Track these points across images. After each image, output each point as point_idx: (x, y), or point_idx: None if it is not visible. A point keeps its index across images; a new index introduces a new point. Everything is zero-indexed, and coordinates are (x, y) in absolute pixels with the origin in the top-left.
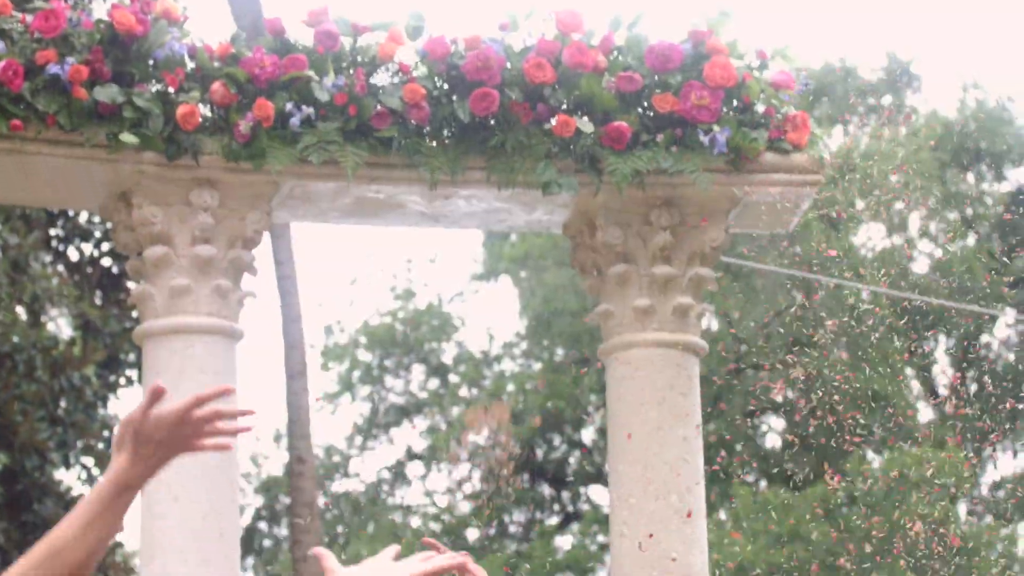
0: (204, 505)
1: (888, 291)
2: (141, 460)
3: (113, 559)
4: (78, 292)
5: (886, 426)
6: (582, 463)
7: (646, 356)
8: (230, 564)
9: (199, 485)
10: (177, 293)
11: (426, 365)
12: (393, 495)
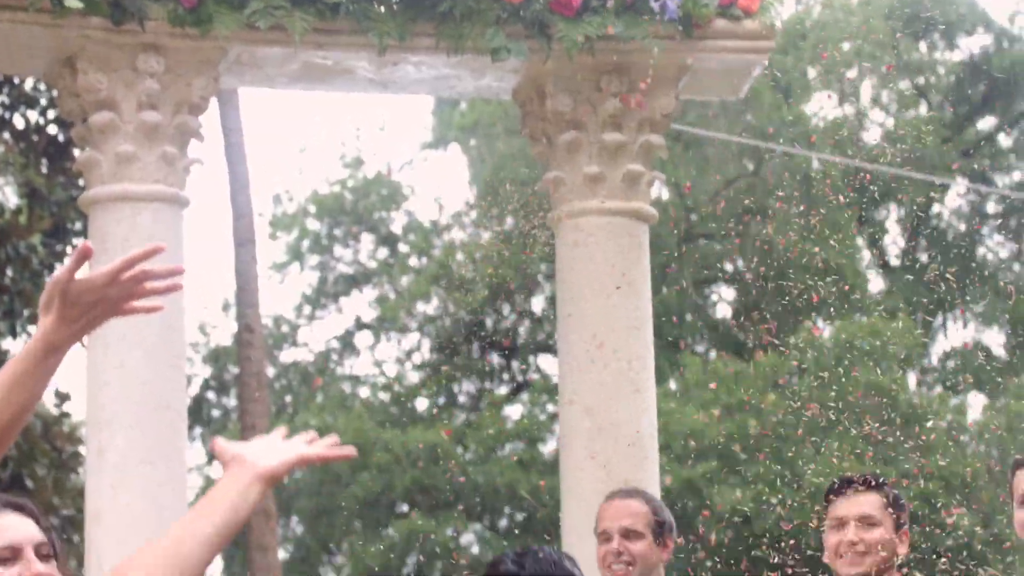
0: (150, 374)
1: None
2: (68, 322)
3: (60, 429)
4: (24, 160)
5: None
6: (532, 332)
7: (596, 224)
8: (177, 433)
9: (144, 354)
10: (123, 160)
11: (375, 234)
12: (342, 365)
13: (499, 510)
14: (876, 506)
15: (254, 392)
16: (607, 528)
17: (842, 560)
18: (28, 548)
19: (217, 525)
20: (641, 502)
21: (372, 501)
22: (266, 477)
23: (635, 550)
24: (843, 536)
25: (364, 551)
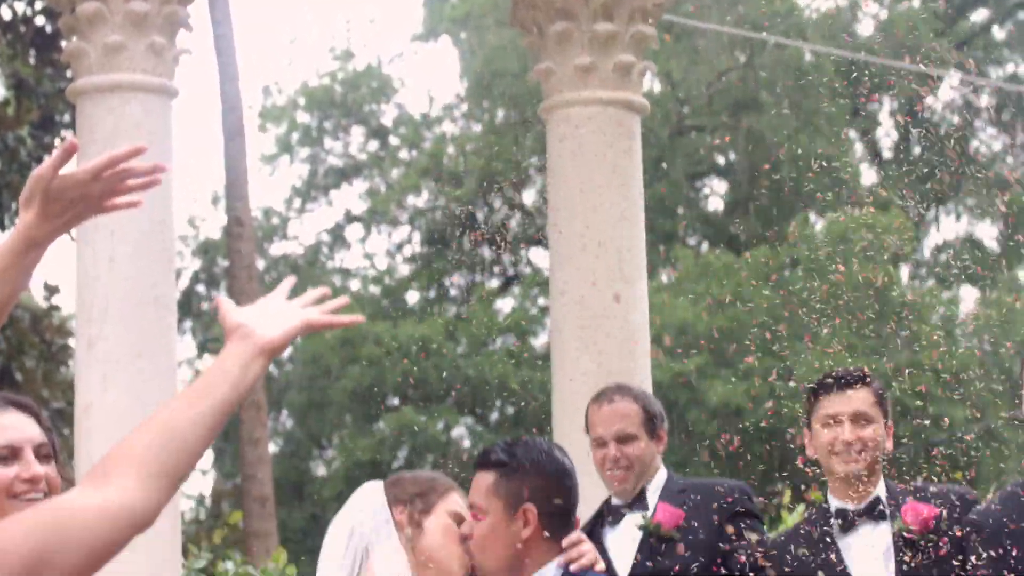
0: (139, 267)
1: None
2: (49, 218)
3: (49, 321)
4: (11, 51)
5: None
6: (523, 225)
7: (587, 114)
8: (167, 326)
9: (133, 247)
10: (111, 50)
11: (365, 127)
12: (332, 258)
13: (490, 403)
14: (869, 403)
15: (244, 285)
16: (601, 434)
17: (837, 458)
18: (28, 448)
19: (216, 402)
20: (630, 401)
21: (363, 394)
22: (269, 350)
23: (631, 453)
24: (838, 434)
25: (355, 444)
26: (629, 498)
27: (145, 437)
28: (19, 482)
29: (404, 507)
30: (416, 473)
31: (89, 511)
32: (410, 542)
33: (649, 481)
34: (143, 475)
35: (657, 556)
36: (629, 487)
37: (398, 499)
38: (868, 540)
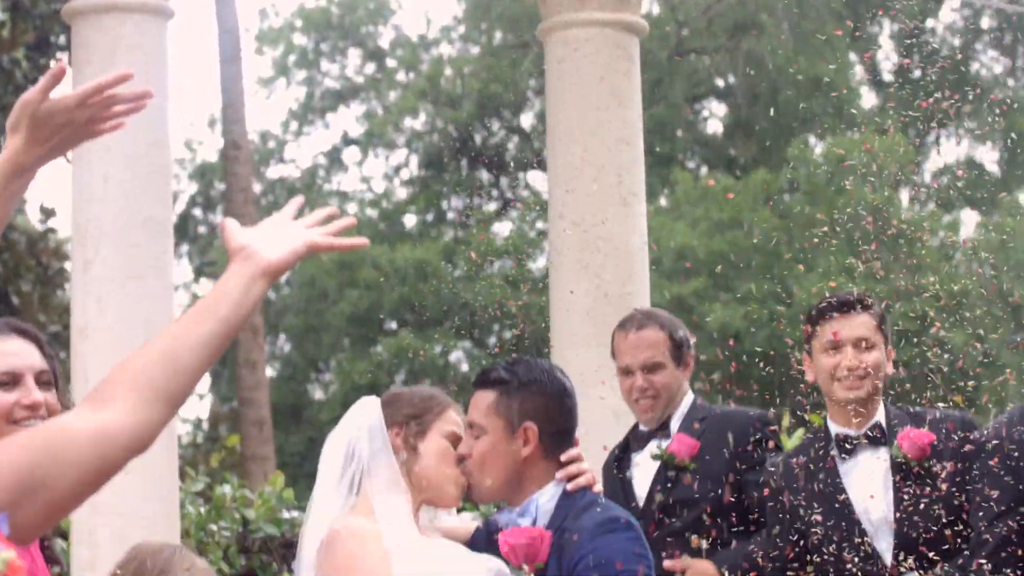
0: (135, 188)
1: None
2: (37, 143)
3: (45, 245)
4: None
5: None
6: (521, 148)
7: (585, 36)
8: (163, 249)
9: (130, 168)
10: None
11: (362, 49)
12: (329, 181)
13: (488, 327)
14: (871, 327)
15: (241, 208)
16: (628, 364)
17: (839, 384)
18: (28, 375)
19: (218, 324)
20: (656, 329)
21: (360, 318)
22: (271, 272)
23: (659, 382)
24: (841, 359)
25: (352, 368)
26: (655, 425)
27: (144, 359)
28: (19, 408)
29: (399, 429)
30: (413, 391)
31: (85, 433)
32: (404, 466)
33: (675, 408)
34: (141, 397)
35: (670, 486)
36: (656, 415)
37: (393, 421)
38: (867, 466)
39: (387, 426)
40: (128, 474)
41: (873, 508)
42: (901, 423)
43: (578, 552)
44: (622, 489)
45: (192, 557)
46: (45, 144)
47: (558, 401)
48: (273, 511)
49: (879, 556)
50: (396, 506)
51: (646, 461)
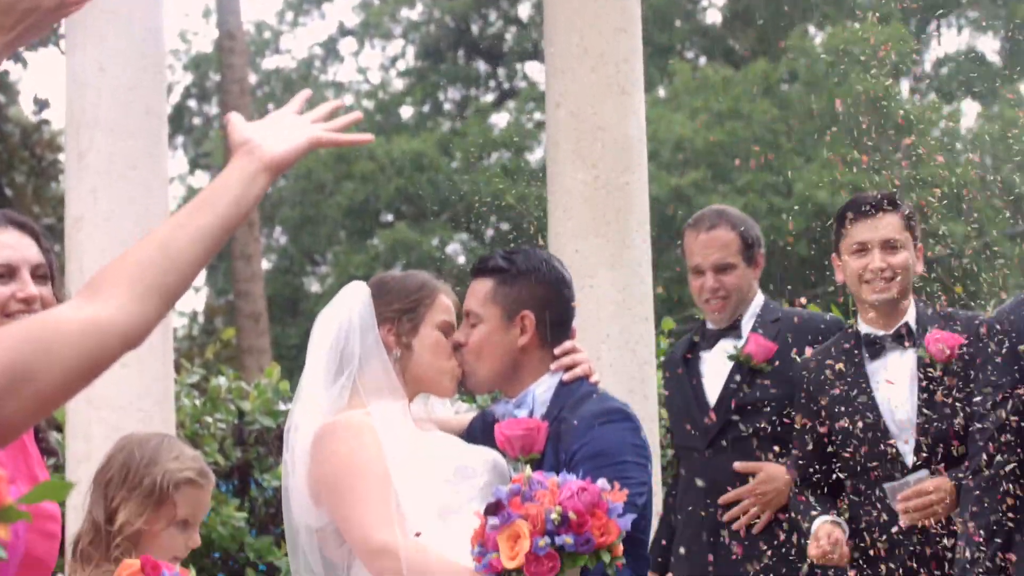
0: (130, 78)
1: None
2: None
3: (40, 137)
4: None
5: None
6: (518, 39)
7: None
8: (158, 139)
9: (124, 58)
10: None
11: None
12: (325, 72)
13: (485, 219)
14: (898, 228)
15: (236, 100)
16: (699, 264)
17: (868, 286)
18: (24, 269)
19: (217, 218)
20: (728, 229)
21: (357, 210)
22: (274, 167)
23: (729, 282)
24: (868, 262)
25: (348, 260)
26: (725, 324)
27: (140, 252)
28: (14, 301)
29: (391, 326)
30: (401, 280)
31: (75, 325)
32: (399, 363)
33: (745, 308)
34: (135, 291)
35: (744, 387)
36: (726, 315)
37: (384, 318)
38: (895, 367)
39: (379, 323)
40: (124, 367)
41: (898, 409)
42: (931, 324)
43: (575, 442)
44: (691, 388)
45: (180, 445)
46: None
47: (556, 291)
48: (269, 403)
49: (901, 456)
50: (391, 403)
51: (717, 361)
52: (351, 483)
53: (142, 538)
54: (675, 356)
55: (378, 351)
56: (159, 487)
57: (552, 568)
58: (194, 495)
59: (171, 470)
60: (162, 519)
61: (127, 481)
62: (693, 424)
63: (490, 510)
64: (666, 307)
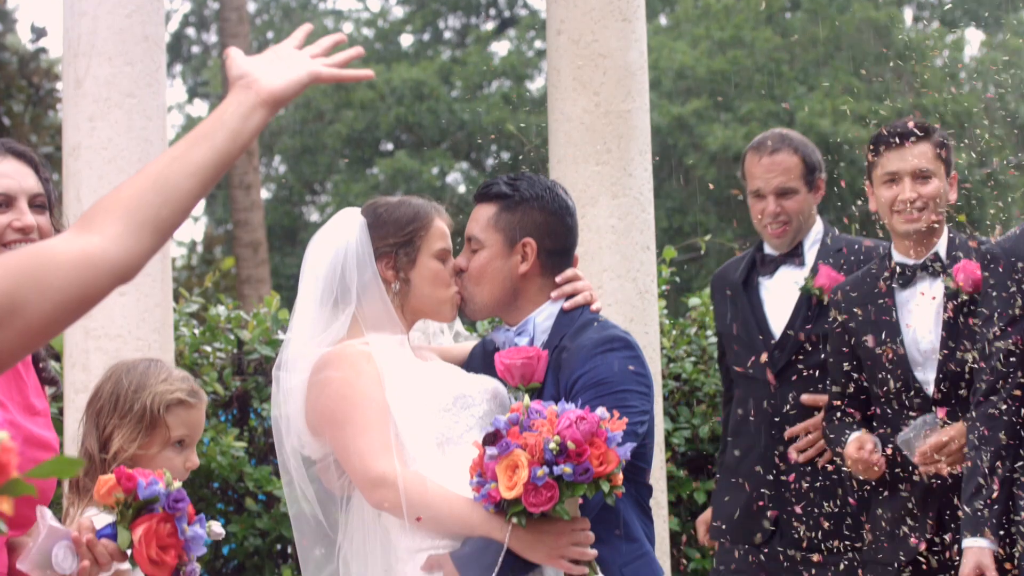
0: (128, 5)
1: None
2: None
3: (37, 65)
4: None
5: None
6: None
7: None
8: (156, 67)
9: None
10: None
11: None
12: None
13: (485, 148)
14: (929, 158)
15: (235, 27)
16: (760, 188)
17: (899, 216)
18: (22, 198)
19: (213, 152)
20: (790, 153)
21: (356, 139)
22: (272, 101)
23: (791, 207)
24: (898, 192)
25: (348, 190)
26: (785, 250)
27: (135, 185)
28: (10, 231)
29: (388, 260)
30: (395, 210)
31: (68, 257)
32: (398, 297)
33: (805, 234)
34: (129, 223)
35: (812, 319)
36: (786, 240)
37: (381, 253)
38: (923, 296)
39: (376, 258)
40: (122, 296)
41: (922, 338)
42: (962, 253)
43: (576, 371)
44: (754, 316)
45: (168, 368)
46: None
47: (559, 219)
48: (268, 332)
49: (923, 387)
50: (390, 334)
51: (781, 288)
52: (350, 413)
53: (138, 463)
54: (730, 278)
55: (376, 285)
56: (150, 410)
57: (551, 498)
58: (186, 415)
59: (160, 392)
60: (156, 442)
61: (118, 408)
62: (755, 352)
63: (488, 440)
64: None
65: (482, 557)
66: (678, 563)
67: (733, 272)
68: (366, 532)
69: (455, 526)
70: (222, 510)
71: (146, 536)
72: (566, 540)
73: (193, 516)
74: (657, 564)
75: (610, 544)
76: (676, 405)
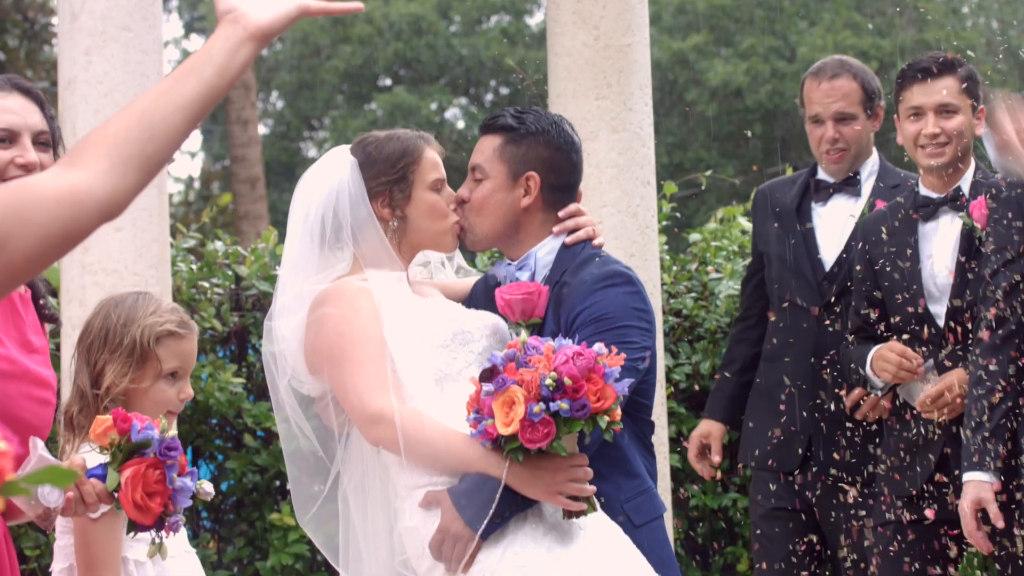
0: None
1: None
2: None
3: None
4: None
5: None
6: None
7: None
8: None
9: None
10: None
11: None
12: None
13: (484, 84)
14: (954, 92)
15: None
16: (819, 113)
17: (923, 151)
18: (26, 135)
19: (200, 87)
20: (849, 78)
21: (354, 74)
22: (259, 36)
23: (849, 133)
24: (922, 127)
25: (346, 125)
26: (841, 177)
27: (121, 121)
28: (13, 167)
29: (383, 199)
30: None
31: (52, 192)
32: (396, 234)
33: (862, 162)
34: (115, 159)
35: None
36: (844, 168)
37: (375, 192)
38: (944, 230)
39: (370, 198)
40: (119, 231)
41: (939, 272)
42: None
43: (576, 306)
44: (804, 243)
45: (157, 300)
46: None
47: (564, 154)
48: (266, 268)
49: (935, 319)
50: (389, 273)
51: (835, 216)
52: (347, 350)
53: (131, 397)
54: (781, 200)
55: (372, 224)
56: (140, 344)
57: (547, 434)
58: (177, 346)
59: (149, 324)
60: (148, 375)
61: (108, 343)
62: (802, 279)
63: (485, 376)
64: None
65: (479, 493)
66: (680, 499)
67: (785, 194)
68: (365, 469)
69: (452, 462)
70: (220, 446)
71: (133, 479)
72: (564, 476)
73: (185, 468)
74: (659, 500)
75: (612, 480)
76: (676, 341)
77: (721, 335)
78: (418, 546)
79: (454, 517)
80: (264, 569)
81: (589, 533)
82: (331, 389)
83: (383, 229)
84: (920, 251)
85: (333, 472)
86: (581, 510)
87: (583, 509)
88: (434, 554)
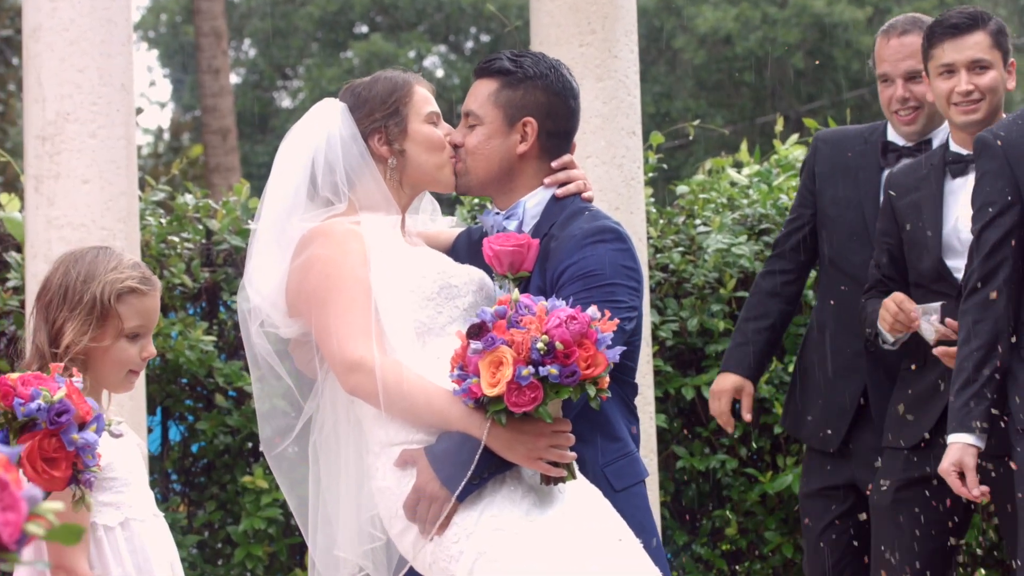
0: None
1: None
2: None
3: None
4: None
5: None
6: None
7: None
8: None
9: None
10: None
11: None
12: None
13: (464, 31)
14: (985, 47)
15: None
16: (888, 72)
17: (955, 108)
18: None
19: None
20: (917, 35)
21: (329, 21)
22: None
23: (921, 92)
24: (955, 84)
25: (321, 74)
26: (914, 140)
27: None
28: None
29: (379, 135)
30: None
31: None
32: (396, 172)
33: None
34: None
35: None
36: (916, 130)
37: (370, 130)
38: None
39: (366, 137)
40: (86, 183)
41: (963, 228)
42: None
43: (563, 261)
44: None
45: (118, 255)
46: None
47: (562, 100)
48: (238, 222)
49: (952, 273)
50: (384, 216)
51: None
52: (332, 293)
53: (91, 356)
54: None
55: (367, 165)
56: (100, 301)
57: (534, 399)
58: (139, 303)
59: (110, 281)
60: (109, 334)
61: (67, 300)
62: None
63: (473, 332)
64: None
65: (458, 454)
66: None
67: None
68: (337, 418)
69: (432, 418)
70: (190, 407)
71: (28, 454)
72: (545, 442)
73: (88, 418)
74: (641, 464)
75: (592, 443)
76: (663, 297)
77: (709, 291)
78: (391, 507)
79: (430, 477)
80: (236, 533)
81: (568, 497)
82: (313, 331)
83: (381, 171)
84: (946, 206)
85: (304, 416)
86: (560, 476)
87: (563, 475)
88: (408, 515)
